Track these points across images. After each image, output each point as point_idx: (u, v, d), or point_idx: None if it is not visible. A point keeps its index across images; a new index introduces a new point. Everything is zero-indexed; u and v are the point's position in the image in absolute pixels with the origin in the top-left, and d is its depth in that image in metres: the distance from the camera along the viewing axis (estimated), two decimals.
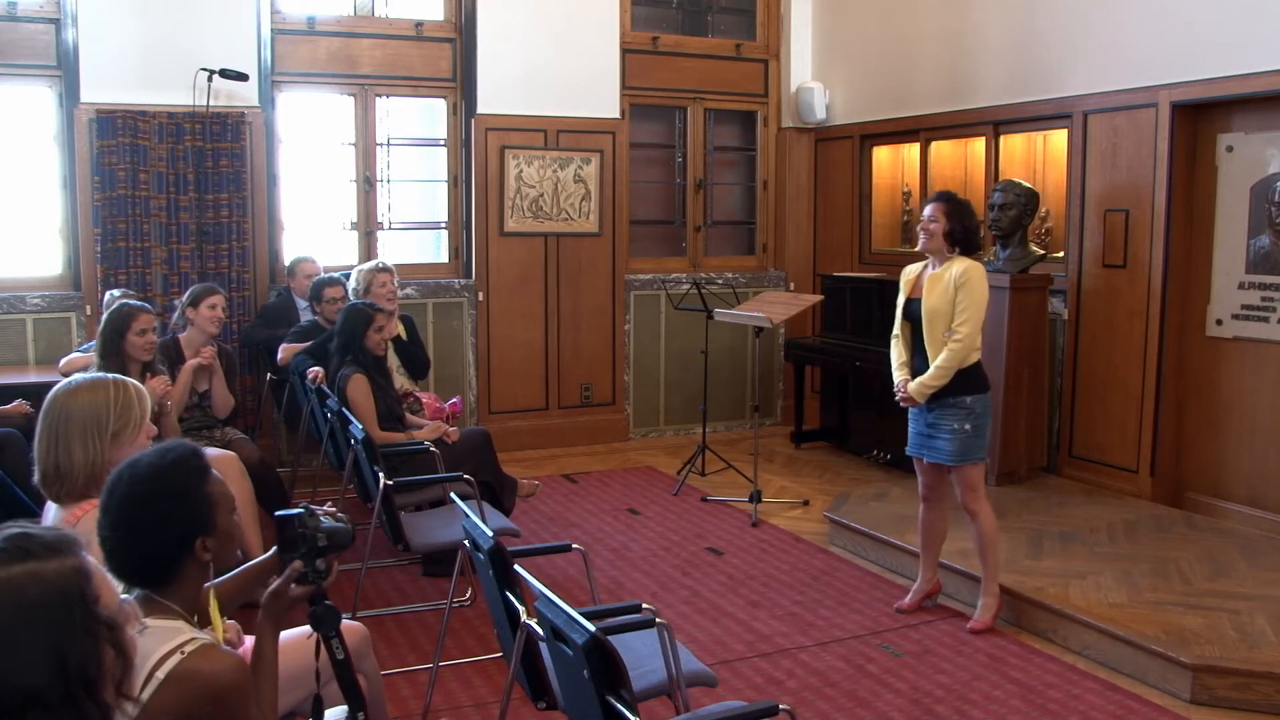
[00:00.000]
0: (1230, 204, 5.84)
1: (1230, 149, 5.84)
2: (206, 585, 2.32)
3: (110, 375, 2.96)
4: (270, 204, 7.19)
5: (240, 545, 2.38)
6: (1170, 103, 5.93)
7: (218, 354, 5.51)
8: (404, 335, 6.33)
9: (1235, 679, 3.98)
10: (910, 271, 4.81)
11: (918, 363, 4.69)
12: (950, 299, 4.54)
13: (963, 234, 4.62)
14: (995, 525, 4.68)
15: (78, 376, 2.92)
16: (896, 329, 4.81)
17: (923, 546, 4.91)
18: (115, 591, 1.46)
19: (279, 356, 6.11)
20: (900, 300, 4.79)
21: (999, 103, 7.06)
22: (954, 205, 4.66)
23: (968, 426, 4.55)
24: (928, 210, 4.68)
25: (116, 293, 5.74)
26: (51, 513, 2.80)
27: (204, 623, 2.29)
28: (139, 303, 5.01)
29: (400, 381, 6.10)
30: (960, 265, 4.57)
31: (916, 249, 4.85)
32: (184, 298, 5.61)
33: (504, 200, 7.77)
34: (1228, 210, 5.86)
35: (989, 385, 4.66)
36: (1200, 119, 5.98)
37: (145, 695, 1.92)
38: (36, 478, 2.80)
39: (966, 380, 4.56)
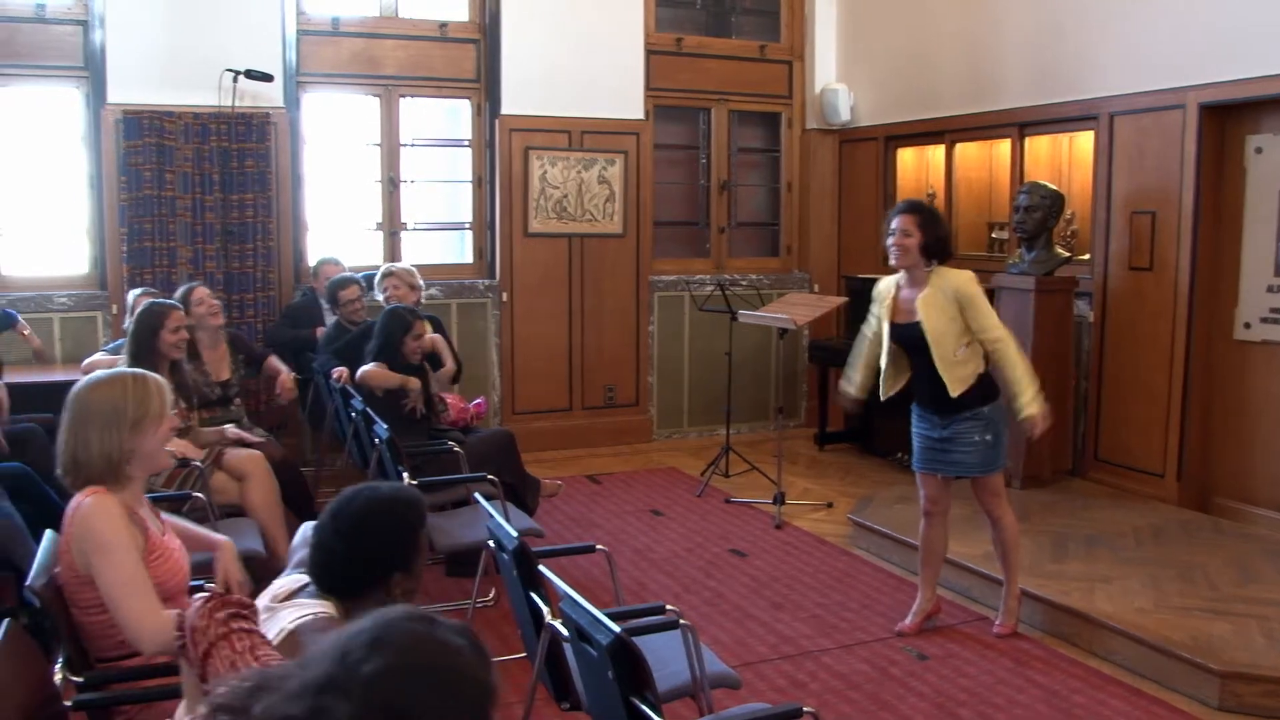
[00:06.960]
0: (1258, 206, 5.79)
1: (1259, 150, 5.78)
2: None
3: (129, 370, 3.02)
4: (295, 204, 7.24)
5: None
6: (1198, 104, 5.88)
7: (233, 341, 5.61)
8: None
9: (1265, 686, 3.94)
10: (885, 292, 4.49)
11: (920, 386, 4.46)
12: (955, 315, 4.30)
13: (936, 244, 4.33)
14: (1017, 528, 4.64)
15: (99, 373, 2.96)
16: (885, 359, 4.51)
17: (923, 565, 4.72)
18: None
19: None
20: (884, 324, 4.48)
21: (1024, 104, 7.01)
22: (925, 215, 4.37)
23: (988, 437, 4.41)
24: (896, 223, 4.34)
25: (138, 291, 5.77)
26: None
27: None
28: (170, 301, 5.04)
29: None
30: (950, 280, 4.31)
31: (889, 264, 4.49)
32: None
33: (528, 201, 7.78)
34: (1256, 212, 5.81)
35: (1000, 391, 4.48)
36: (1228, 120, 5.92)
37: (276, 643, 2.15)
38: (59, 470, 2.85)
39: (981, 391, 4.39)
